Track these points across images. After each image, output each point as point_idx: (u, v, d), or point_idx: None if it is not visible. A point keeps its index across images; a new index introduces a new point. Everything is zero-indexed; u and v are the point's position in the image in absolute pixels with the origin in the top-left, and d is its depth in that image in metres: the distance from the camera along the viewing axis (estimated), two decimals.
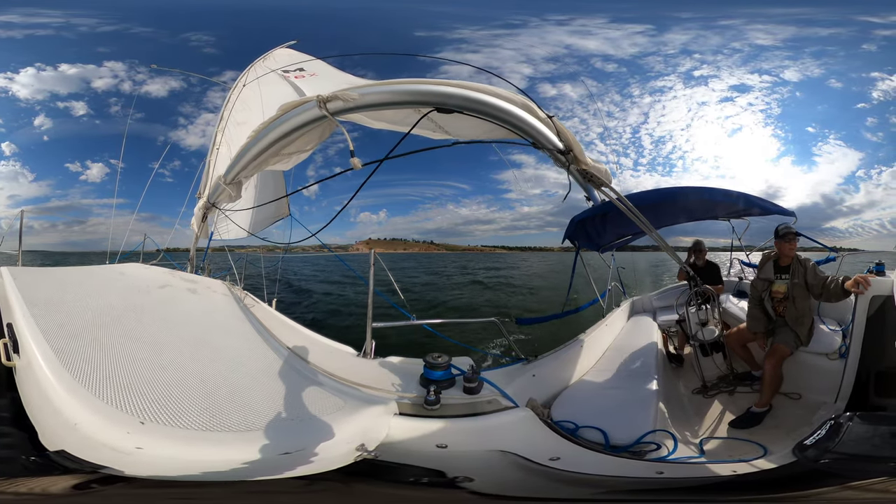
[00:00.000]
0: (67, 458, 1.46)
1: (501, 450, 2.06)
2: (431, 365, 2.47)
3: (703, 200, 4.82)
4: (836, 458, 2.03)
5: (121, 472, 1.44)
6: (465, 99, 2.00)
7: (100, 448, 1.49)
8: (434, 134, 2.49)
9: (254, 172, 3.32)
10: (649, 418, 2.86)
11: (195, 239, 5.63)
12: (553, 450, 2.13)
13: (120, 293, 3.10)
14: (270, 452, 1.72)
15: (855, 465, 1.95)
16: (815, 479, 2.03)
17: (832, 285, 3.23)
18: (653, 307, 6.82)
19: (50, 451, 1.49)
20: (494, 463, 2.03)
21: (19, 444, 1.55)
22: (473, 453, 2.08)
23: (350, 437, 1.91)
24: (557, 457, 2.09)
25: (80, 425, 1.54)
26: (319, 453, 1.77)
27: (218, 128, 6.15)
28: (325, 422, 2.07)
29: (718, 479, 2.21)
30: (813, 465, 2.07)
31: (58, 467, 1.44)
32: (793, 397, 3.48)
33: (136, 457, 1.51)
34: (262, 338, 3.23)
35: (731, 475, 2.18)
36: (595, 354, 4.38)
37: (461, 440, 2.08)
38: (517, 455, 2.03)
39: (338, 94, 2.06)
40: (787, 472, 2.14)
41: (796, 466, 2.11)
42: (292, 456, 1.74)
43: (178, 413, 1.80)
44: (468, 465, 1.98)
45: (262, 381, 2.45)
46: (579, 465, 2.11)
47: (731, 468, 2.25)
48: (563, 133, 2.12)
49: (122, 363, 2.01)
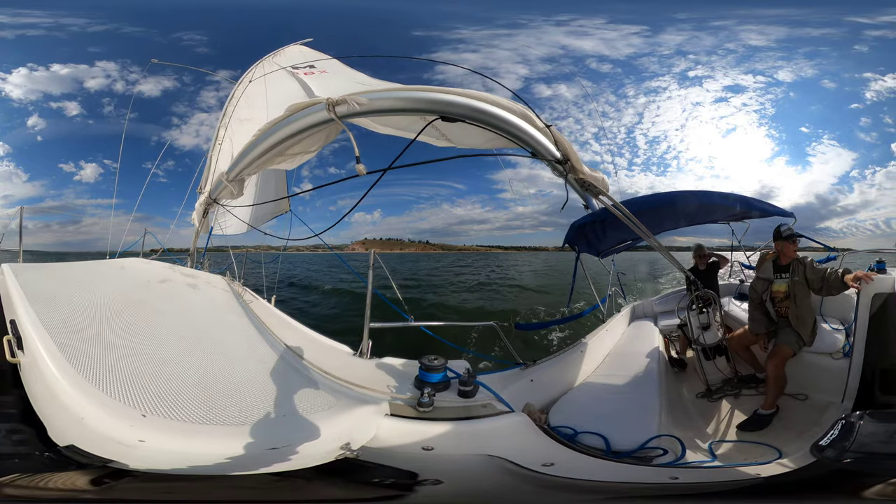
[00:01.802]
0: (77, 452, 1.48)
1: (489, 454, 2.04)
2: (427, 367, 2.47)
3: (702, 204, 4.82)
4: (857, 458, 1.99)
5: (126, 465, 1.46)
6: (470, 109, 2.01)
7: (106, 442, 1.52)
8: (437, 141, 2.51)
9: (257, 170, 3.32)
10: (653, 423, 2.82)
11: (195, 234, 5.64)
12: (547, 455, 2.11)
13: (121, 288, 3.11)
14: (259, 447, 1.74)
15: (878, 463, 1.93)
16: (842, 479, 1.99)
17: (832, 277, 3.23)
18: (654, 312, 6.78)
19: (60, 447, 1.51)
20: (475, 467, 2.02)
21: (31, 439, 1.57)
22: (458, 457, 2.07)
23: (336, 436, 1.91)
24: (551, 462, 2.06)
25: (86, 419, 1.56)
26: (303, 450, 1.78)
27: (221, 123, 6.13)
28: (314, 419, 2.08)
29: (740, 483, 2.16)
30: (836, 464, 2.02)
31: (71, 462, 1.46)
32: (799, 398, 3.46)
33: (139, 450, 1.53)
34: (261, 334, 3.24)
35: (755, 478, 2.14)
36: (595, 359, 4.36)
37: (449, 443, 2.07)
38: (505, 460, 2.00)
39: (347, 98, 2.06)
40: (811, 474, 2.10)
41: (819, 467, 2.06)
42: (278, 451, 1.75)
43: (177, 406, 1.83)
44: (446, 468, 1.96)
45: (258, 377, 2.47)
46: (575, 470, 2.08)
47: (755, 471, 2.21)
48: (561, 142, 2.15)
49: (123, 357, 2.03)
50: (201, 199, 5.09)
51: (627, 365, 4.20)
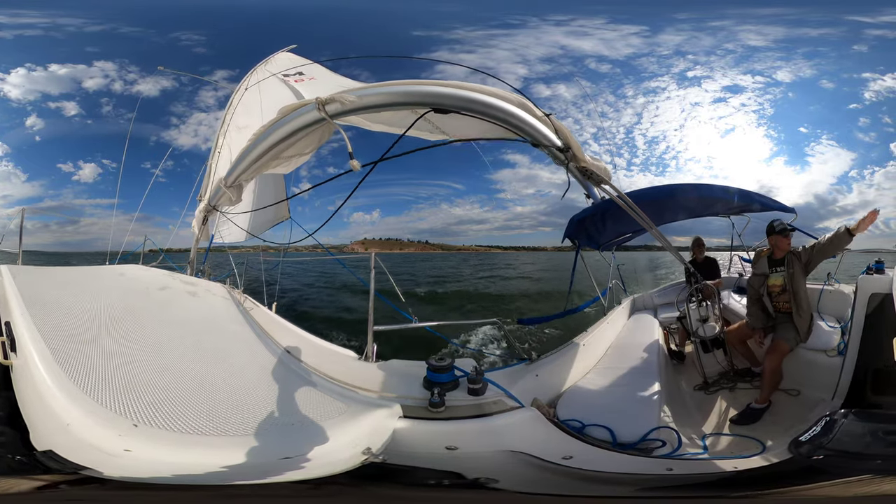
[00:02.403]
0: (53, 458, 1.45)
1: (512, 450, 2.06)
2: (434, 367, 2.46)
3: (703, 197, 4.82)
4: (828, 455, 2.06)
5: (100, 473, 1.43)
6: (461, 99, 2.00)
7: (87, 449, 1.48)
8: (431, 135, 2.50)
9: (254, 175, 3.33)
10: (654, 415, 2.87)
11: (195, 241, 5.64)
12: (565, 449, 2.14)
13: (119, 295, 3.09)
14: (269, 457, 1.71)
15: (845, 462, 1.98)
16: (807, 475, 2.06)
17: (831, 237, 3.31)
18: (654, 304, 6.83)
19: (37, 451, 1.48)
20: (502, 463, 2.03)
21: (12, 442, 1.54)
22: (484, 454, 2.08)
23: (354, 441, 1.89)
24: (570, 455, 2.10)
25: (72, 426, 1.53)
26: (324, 457, 1.76)
27: (220, 131, 6.15)
28: (327, 426, 2.06)
29: (720, 475, 2.23)
30: (807, 461, 2.09)
31: (40, 467, 1.43)
32: (792, 394, 3.49)
33: (122, 459, 1.49)
34: (262, 341, 3.22)
35: (731, 471, 2.20)
36: (597, 353, 4.38)
37: (470, 441, 2.08)
38: (529, 455, 2.03)
39: (335, 96, 2.06)
40: (783, 469, 2.16)
41: (792, 463, 2.13)
42: (293, 460, 1.72)
43: (174, 416, 1.79)
44: (475, 466, 1.97)
45: (261, 385, 2.44)
46: (591, 462, 2.12)
47: (732, 464, 2.27)
48: (562, 131, 2.13)
49: (119, 365, 2.00)
50: (201, 206, 5.10)
51: (629, 358, 4.23)
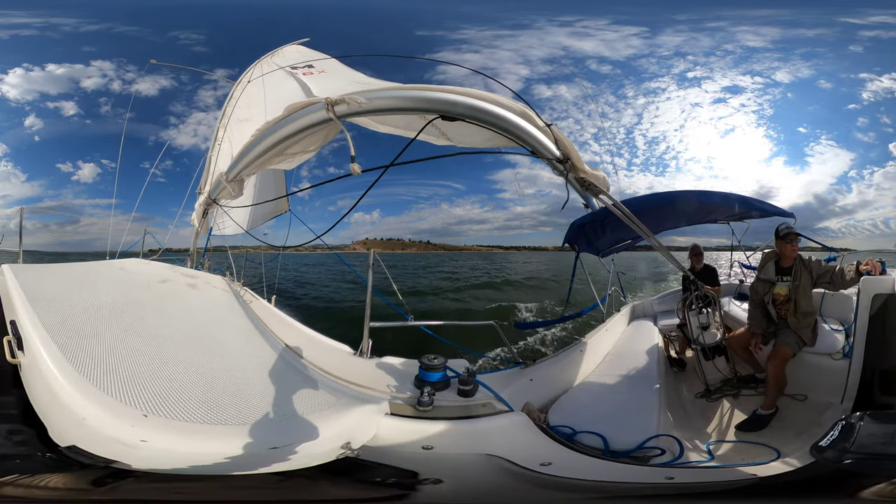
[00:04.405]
0: (79, 452, 1.48)
1: (488, 454, 2.05)
2: (426, 366, 2.48)
3: (702, 204, 4.81)
4: (858, 458, 1.98)
5: (128, 465, 1.47)
6: (469, 108, 2.01)
7: (108, 442, 1.52)
8: (437, 140, 2.50)
9: (257, 170, 3.33)
10: (652, 423, 2.82)
11: (195, 234, 5.64)
12: (545, 455, 2.12)
13: (121, 288, 3.12)
14: (260, 447, 1.75)
15: (881, 463, 1.92)
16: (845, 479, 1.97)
17: (848, 274, 3.20)
18: (653, 311, 6.79)
19: (62, 447, 1.51)
20: (474, 466, 2.02)
21: (31, 440, 1.57)
22: (458, 456, 2.07)
23: (336, 435, 1.92)
24: (549, 462, 2.07)
25: (87, 420, 1.57)
26: (304, 450, 1.79)
27: (220, 123, 6.12)
28: (314, 418, 2.09)
29: (740, 482, 2.16)
30: (836, 465, 2.01)
31: (73, 462, 1.46)
32: (798, 398, 3.46)
33: (142, 450, 1.54)
34: (260, 333, 3.25)
35: (751, 478, 2.14)
36: (595, 359, 4.36)
37: (448, 442, 2.08)
38: (504, 459, 2.01)
39: (345, 97, 2.07)
40: (810, 474, 2.10)
41: (818, 468, 2.06)
42: (279, 451, 1.76)
43: (178, 406, 1.84)
44: (445, 467, 1.97)
45: (258, 376, 2.48)
46: (572, 470, 2.09)
47: (749, 472, 2.21)
48: (562, 141, 2.14)
49: (124, 358, 2.04)
50: (201, 199, 5.10)
51: (627, 364, 4.19)
